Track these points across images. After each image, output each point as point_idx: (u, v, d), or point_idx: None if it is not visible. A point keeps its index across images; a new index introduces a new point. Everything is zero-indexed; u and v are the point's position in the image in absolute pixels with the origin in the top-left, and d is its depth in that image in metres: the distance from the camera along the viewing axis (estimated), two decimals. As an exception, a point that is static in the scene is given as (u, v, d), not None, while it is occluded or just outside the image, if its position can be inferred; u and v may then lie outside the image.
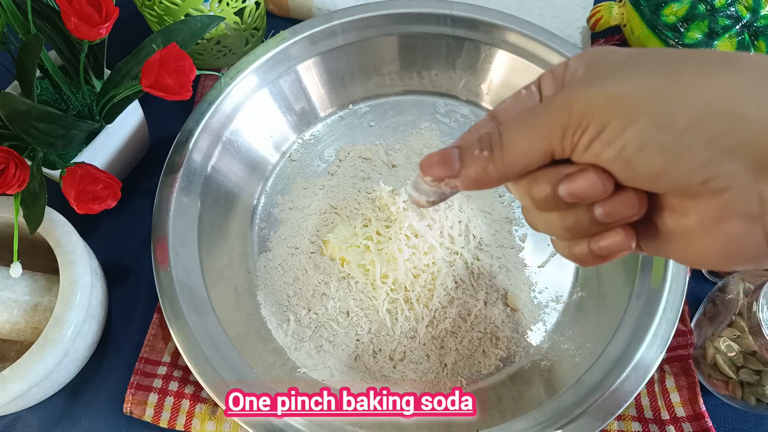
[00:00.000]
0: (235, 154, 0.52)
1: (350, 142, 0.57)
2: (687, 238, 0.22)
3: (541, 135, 0.22)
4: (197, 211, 0.48)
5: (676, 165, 0.20)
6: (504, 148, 0.23)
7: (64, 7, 0.38)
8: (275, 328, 0.48)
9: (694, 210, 0.21)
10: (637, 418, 0.45)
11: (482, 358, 0.47)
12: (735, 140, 0.19)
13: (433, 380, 0.46)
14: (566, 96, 0.22)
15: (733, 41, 0.53)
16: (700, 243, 0.22)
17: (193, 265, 0.46)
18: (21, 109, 0.38)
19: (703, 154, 0.20)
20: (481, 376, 0.46)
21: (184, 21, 0.47)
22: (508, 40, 0.54)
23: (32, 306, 0.43)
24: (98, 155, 0.48)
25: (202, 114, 0.50)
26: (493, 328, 0.47)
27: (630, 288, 0.45)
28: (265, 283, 0.50)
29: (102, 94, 0.46)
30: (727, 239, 0.21)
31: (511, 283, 0.49)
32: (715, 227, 0.21)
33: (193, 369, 0.41)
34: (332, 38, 0.54)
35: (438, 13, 0.54)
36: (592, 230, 0.23)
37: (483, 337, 0.47)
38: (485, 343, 0.47)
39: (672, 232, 0.22)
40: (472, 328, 0.47)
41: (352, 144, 0.56)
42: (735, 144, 0.19)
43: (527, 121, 0.23)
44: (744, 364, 0.43)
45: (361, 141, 0.57)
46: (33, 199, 0.41)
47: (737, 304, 0.43)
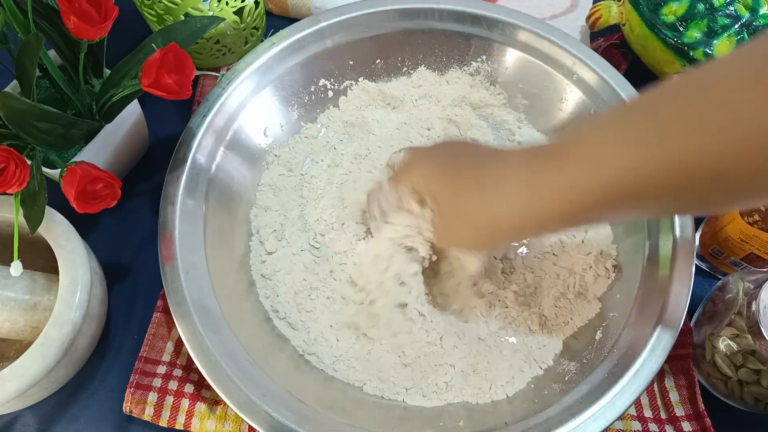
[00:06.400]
0: (238, 153, 0.52)
1: (352, 140, 0.57)
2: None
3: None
4: (202, 211, 0.48)
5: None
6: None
7: (64, 7, 0.39)
8: (290, 334, 0.48)
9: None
10: (637, 417, 0.45)
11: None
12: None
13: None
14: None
15: (732, 40, 0.53)
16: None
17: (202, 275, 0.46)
18: (20, 108, 0.38)
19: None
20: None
21: (183, 21, 0.48)
22: (520, 38, 0.54)
23: (32, 305, 0.43)
24: (98, 154, 0.48)
25: (206, 113, 0.50)
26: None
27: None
28: (272, 284, 0.50)
29: (101, 93, 0.46)
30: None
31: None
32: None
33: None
34: (334, 36, 0.55)
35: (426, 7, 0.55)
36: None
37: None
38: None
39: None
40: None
41: (353, 142, 0.56)
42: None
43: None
44: (743, 364, 0.43)
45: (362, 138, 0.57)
46: (33, 198, 0.41)
47: (736, 304, 0.43)
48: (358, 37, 0.55)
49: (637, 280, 0.46)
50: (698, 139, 0.27)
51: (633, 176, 0.29)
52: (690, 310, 0.43)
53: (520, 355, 0.47)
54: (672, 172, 0.28)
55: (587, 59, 0.52)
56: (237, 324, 0.44)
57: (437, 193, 0.39)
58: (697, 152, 0.27)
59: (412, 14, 0.55)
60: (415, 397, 0.45)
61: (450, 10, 0.54)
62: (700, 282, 0.52)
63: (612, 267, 0.49)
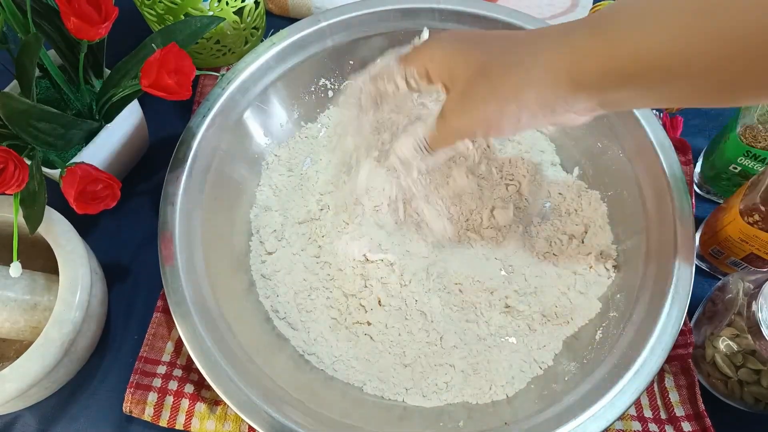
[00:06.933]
0: (238, 153, 0.52)
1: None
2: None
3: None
4: (202, 211, 0.48)
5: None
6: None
7: (64, 7, 0.38)
8: (290, 334, 0.48)
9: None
10: (637, 417, 0.45)
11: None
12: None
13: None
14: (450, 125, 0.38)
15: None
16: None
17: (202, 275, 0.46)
18: (20, 108, 0.38)
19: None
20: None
21: (183, 21, 0.48)
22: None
23: (32, 305, 0.43)
24: (97, 155, 0.48)
25: (206, 113, 0.50)
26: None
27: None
28: (272, 284, 0.50)
29: (101, 93, 0.46)
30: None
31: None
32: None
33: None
34: (334, 36, 0.55)
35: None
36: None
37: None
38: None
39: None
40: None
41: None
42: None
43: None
44: (743, 364, 0.43)
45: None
46: (32, 198, 0.41)
47: (736, 304, 0.43)
48: (358, 36, 0.55)
49: (637, 281, 0.46)
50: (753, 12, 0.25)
51: (682, 46, 0.28)
52: (690, 310, 0.43)
53: (520, 355, 0.47)
54: (725, 41, 0.27)
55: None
56: (237, 324, 0.44)
57: (456, 70, 0.36)
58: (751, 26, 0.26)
59: (412, 14, 0.55)
60: (415, 397, 0.45)
61: (450, 9, 0.54)
62: (700, 282, 0.52)
63: (612, 267, 0.49)
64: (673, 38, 0.28)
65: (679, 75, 0.29)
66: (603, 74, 0.31)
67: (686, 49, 0.28)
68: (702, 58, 0.28)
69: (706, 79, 0.29)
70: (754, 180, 0.45)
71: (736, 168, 0.50)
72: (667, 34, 0.28)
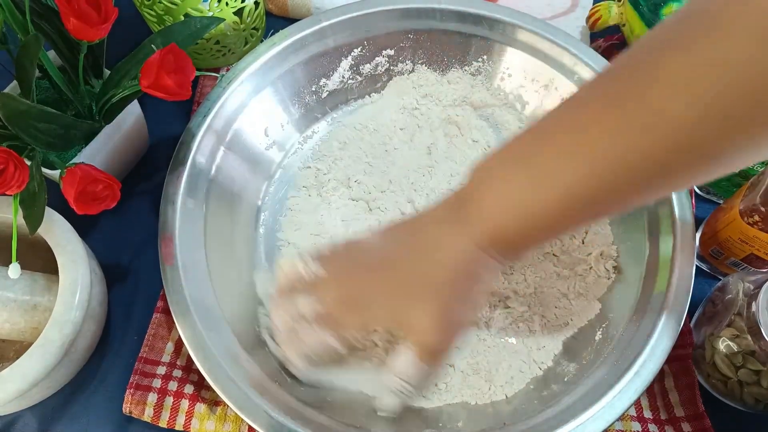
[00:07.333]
0: (239, 153, 0.52)
1: (352, 138, 0.57)
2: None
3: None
4: (203, 211, 0.48)
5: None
6: None
7: (63, 7, 0.38)
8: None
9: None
10: (636, 417, 0.45)
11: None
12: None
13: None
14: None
15: (732, 41, 0.53)
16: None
17: (202, 275, 0.46)
18: (20, 109, 0.38)
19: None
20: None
21: (183, 21, 0.48)
22: (521, 38, 0.55)
23: (32, 306, 0.43)
24: (97, 155, 0.48)
25: (206, 113, 0.50)
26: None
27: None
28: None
29: (101, 94, 0.46)
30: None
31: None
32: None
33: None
34: (334, 36, 0.55)
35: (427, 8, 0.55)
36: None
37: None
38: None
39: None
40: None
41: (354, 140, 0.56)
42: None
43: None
44: (743, 364, 0.43)
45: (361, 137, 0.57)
46: (32, 199, 0.41)
47: (736, 304, 0.43)
48: (358, 36, 0.55)
49: (637, 281, 0.46)
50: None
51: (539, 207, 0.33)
52: (690, 310, 0.43)
53: (519, 356, 0.47)
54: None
55: (588, 59, 0.52)
56: (237, 324, 0.44)
57: (409, 318, 0.38)
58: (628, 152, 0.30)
59: (412, 14, 0.55)
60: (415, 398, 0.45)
61: (451, 10, 0.54)
62: (700, 282, 0.52)
63: (612, 268, 0.49)
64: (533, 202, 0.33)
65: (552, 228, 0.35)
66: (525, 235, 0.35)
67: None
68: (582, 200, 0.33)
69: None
70: (754, 180, 0.45)
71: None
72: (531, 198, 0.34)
